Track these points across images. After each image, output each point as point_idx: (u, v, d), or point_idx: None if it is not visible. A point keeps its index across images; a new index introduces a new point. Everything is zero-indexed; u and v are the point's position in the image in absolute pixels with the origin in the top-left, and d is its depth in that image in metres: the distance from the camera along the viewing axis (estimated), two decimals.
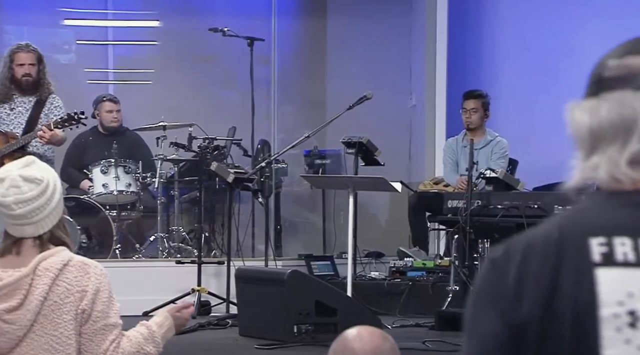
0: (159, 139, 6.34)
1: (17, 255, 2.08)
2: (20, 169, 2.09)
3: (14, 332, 2.03)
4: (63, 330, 2.05)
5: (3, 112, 5.10)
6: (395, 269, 5.63)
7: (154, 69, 7.33)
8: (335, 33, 7.51)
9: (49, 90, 5.13)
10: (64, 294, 2.06)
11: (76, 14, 7.16)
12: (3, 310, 2.03)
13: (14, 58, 5.05)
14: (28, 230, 2.08)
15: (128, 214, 6.32)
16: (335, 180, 4.89)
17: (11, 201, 2.06)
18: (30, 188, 2.07)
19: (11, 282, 2.04)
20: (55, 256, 2.09)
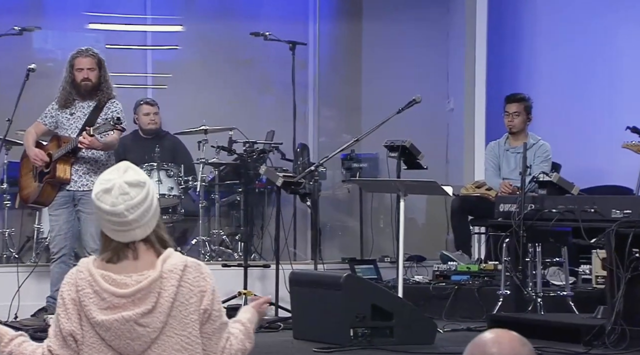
0: (201, 142, 6.39)
1: (134, 259, 2.10)
2: (121, 175, 2.11)
3: (147, 334, 2.06)
4: (191, 330, 2.08)
5: (64, 117, 5.13)
6: (439, 273, 5.64)
7: (192, 73, 7.37)
8: (371, 37, 7.53)
9: (109, 94, 5.14)
10: (188, 295, 2.08)
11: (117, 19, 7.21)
12: (139, 314, 2.05)
13: (74, 63, 5.08)
14: (138, 234, 2.10)
15: (169, 218, 6.35)
16: (386, 183, 4.89)
17: (123, 209, 2.08)
18: (137, 192, 2.10)
19: (145, 286, 2.06)
20: (172, 258, 2.11)
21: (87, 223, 5.09)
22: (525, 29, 7.17)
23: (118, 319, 2.06)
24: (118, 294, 2.07)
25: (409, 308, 4.15)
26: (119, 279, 2.08)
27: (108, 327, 2.06)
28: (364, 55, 7.59)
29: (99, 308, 2.07)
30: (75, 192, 5.12)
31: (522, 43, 7.19)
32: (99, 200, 2.10)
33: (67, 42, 6.87)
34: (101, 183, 2.12)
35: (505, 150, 6.02)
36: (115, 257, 2.11)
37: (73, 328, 2.07)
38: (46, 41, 7.07)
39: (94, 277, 2.08)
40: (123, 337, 2.06)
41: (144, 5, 7.30)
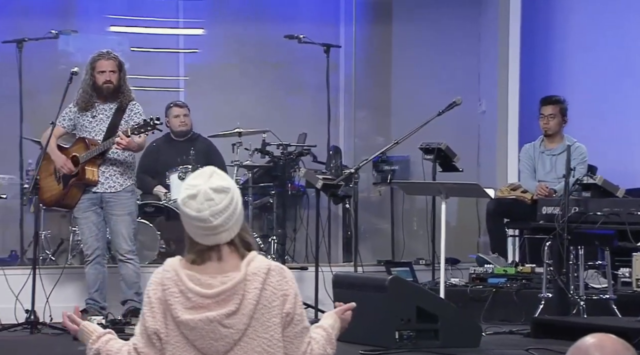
0: (235, 145, 6.41)
1: (218, 261, 2.11)
2: (207, 181, 2.13)
3: (231, 335, 2.08)
4: (273, 333, 2.10)
5: (85, 119, 5.14)
6: (475, 276, 5.62)
7: (224, 76, 7.40)
8: (401, 39, 7.52)
9: (129, 96, 5.17)
10: (271, 298, 2.10)
11: (150, 22, 7.24)
12: (224, 315, 2.07)
13: (95, 65, 5.09)
14: (223, 237, 2.12)
15: None
16: (428, 186, 4.89)
17: (208, 214, 2.10)
18: (221, 198, 2.12)
19: (230, 287, 2.08)
20: (256, 261, 2.13)
21: (117, 225, 5.12)
22: (557, 30, 7.15)
23: (202, 319, 2.07)
24: (203, 294, 2.08)
25: (454, 311, 4.14)
26: (203, 279, 2.09)
27: (192, 327, 2.07)
28: (394, 57, 7.58)
29: (184, 307, 2.08)
30: (102, 194, 5.14)
31: (553, 44, 7.17)
32: (184, 206, 2.12)
33: (92, 45, 6.92)
34: (187, 188, 2.13)
35: (540, 153, 6.01)
36: (199, 258, 2.12)
37: (157, 327, 2.09)
38: (69, 44, 7.08)
39: (180, 276, 2.10)
40: (207, 337, 2.07)
41: (176, 8, 7.33)
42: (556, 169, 5.88)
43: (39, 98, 6.90)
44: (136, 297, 5.12)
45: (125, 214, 5.14)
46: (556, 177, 5.87)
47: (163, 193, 6.36)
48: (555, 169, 5.89)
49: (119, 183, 5.16)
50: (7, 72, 6.91)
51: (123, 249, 5.11)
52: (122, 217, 5.12)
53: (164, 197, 6.32)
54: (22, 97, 6.65)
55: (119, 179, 5.16)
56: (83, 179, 5.09)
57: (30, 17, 7.07)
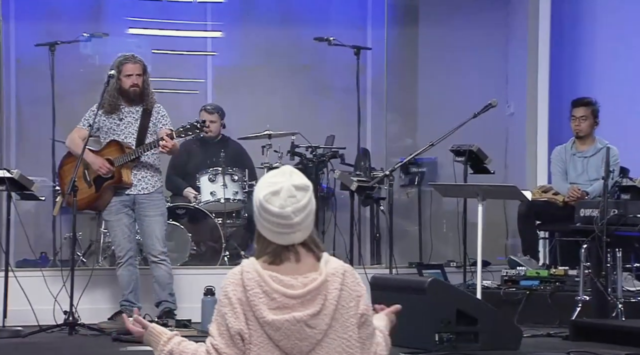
0: (264, 147, 6.43)
1: (296, 262, 2.12)
2: (289, 178, 2.14)
3: (314, 336, 2.09)
4: (351, 334, 2.11)
5: (112, 122, 5.18)
6: (507, 278, 5.62)
7: (250, 78, 7.43)
8: (428, 42, 7.53)
9: (153, 99, 5.21)
10: (348, 298, 2.12)
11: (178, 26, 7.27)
12: (309, 315, 2.08)
13: (121, 69, 5.13)
14: (298, 236, 2.13)
15: (233, 222, 6.40)
16: (464, 188, 4.89)
17: (290, 211, 2.10)
18: (302, 195, 2.13)
19: (314, 288, 2.09)
20: (332, 262, 2.15)
21: (151, 226, 5.15)
22: (585, 32, 7.13)
23: (289, 319, 2.08)
24: (289, 295, 2.09)
25: (494, 313, 4.14)
26: (286, 280, 2.11)
27: (278, 327, 2.08)
28: (420, 60, 7.59)
29: (269, 308, 2.09)
30: (135, 195, 5.17)
31: (581, 46, 7.15)
32: (267, 202, 2.11)
33: (111, 48, 6.95)
34: (268, 186, 2.13)
35: (571, 155, 5.99)
36: (277, 259, 2.13)
37: (241, 327, 2.09)
38: (87, 47, 7.09)
39: (263, 277, 2.10)
40: (292, 337, 2.09)
41: (204, 11, 7.36)
42: (588, 171, 5.87)
43: (68, 100, 6.94)
44: (170, 298, 5.15)
45: (158, 214, 5.17)
46: (588, 180, 5.86)
47: (193, 195, 6.38)
48: (587, 171, 5.88)
49: (151, 184, 5.20)
50: (35, 75, 6.98)
51: (156, 250, 5.13)
52: (155, 218, 5.15)
53: (193, 199, 6.35)
54: (57, 99, 6.72)
55: (151, 181, 5.20)
56: (119, 182, 5.12)
57: (57, 20, 7.12)
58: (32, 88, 7.07)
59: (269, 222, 2.12)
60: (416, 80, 7.64)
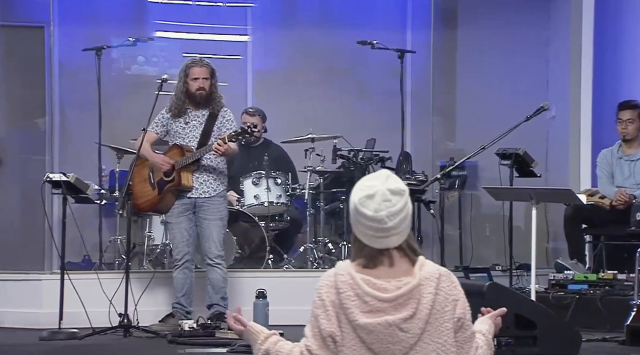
0: (307, 150, 6.44)
1: (390, 266, 2.13)
2: (384, 182, 2.14)
3: (407, 340, 2.10)
4: (447, 338, 2.11)
5: (179, 126, 5.21)
6: (555, 282, 5.59)
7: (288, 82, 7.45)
8: (466, 44, 7.51)
9: (220, 103, 5.23)
10: (443, 303, 2.12)
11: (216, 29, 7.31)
12: (401, 319, 2.09)
13: (188, 72, 5.16)
14: (393, 241, 2.13)
15: (276, 225, 6.41)
16: (518, 192, 4.88)
17: (384, 215, 2.11)
18: (397, 200, 2.13)
19: (407, 291, 2.10)
20: (427, 266, 2.15)
21: (209, 229, 5.17)
22: (629, 33, 7.09)
23: (382, 322, 2.08)
24: (381, 298, 2.09)
25: (553, 317, 4.12)
26: (379, 283, 2.11)
27: (371, 330, 2.09)
28: (458, 62, 7.58)
29: (362, 311, 2.09)
30: (196, 199, 5.19)
31: (623, 48, 7.11)
32: (361, 206, 2.12)
33: (139, 51, 6.98)
34: (363, 189, 2.14)
35: (618, 159, 5.96)
36: (371, 263, 2.13)
37: (333, 329, 2.10)
38: (121, 50, 7.12)
39: (356, 280, 2.11)
40: (385, 340, 2.09)
41: (245, 15, 7.39)
42: (635, 175, 5.83)
43: (110, 104, 6.98)
44: (222, 302, 5.17)
45: (217, 218, 5.19)
46: (635, 183, 5.82)
47: (235, 198, 6.40)
48: (634, 174, 5.84)
49: (212, 188, 5.22)
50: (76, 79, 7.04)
51: (213, 254, 5.16)
52: (214, 222, 5.17)
53: (236, 202, 6.37)
54: (94, 104, 6.77)
55: (213, 185, 5.22)
56: (179, 185, 5.15)
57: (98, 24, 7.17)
58: (74, 92, 7.12)
59: (364, 226, 2.13)
60: (454, 83, 7.63)
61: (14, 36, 7.16)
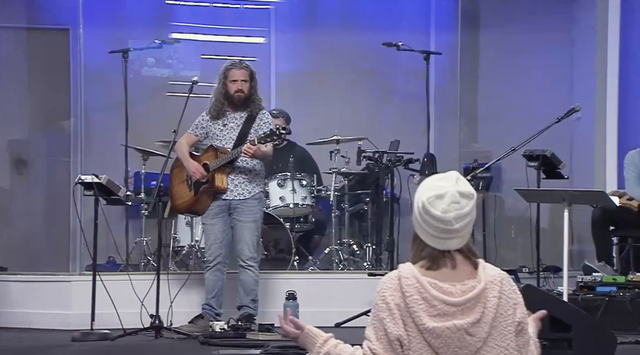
0: (332, 152, 6.45)
1: (452, 268, 2.12)
2: (454, 184, 2.14)
3: (474, 344, 2.09)
4: (509, 342, 2.11)
5: (217, 127, 5.22)
6: (583, 284, 5.57)
7: (311, 84, 7.45)
8: (489, 46, 7.50)
9: (259, 106, 5.23)
10: (506, 306, 2.11)
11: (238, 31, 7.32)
12: (469, 323, 2.08)
13: (227, 75, 5.16)
14: (455, 243, 2.13)
15: (300, 226, 6.42)
16: (550, 194, 4.86)
17: (452, 217, 2.10)
18: (466, 203, 2.13)
19: (474, 295, 2.09)
20: (489, 269, 2.14)
21: (243, 231, 5.17)
22: None
23: (450, 327, 2.08)
24: (449, 302, 2.09)
25: (588, 320, 4.11)
26: (445, 287, 2.10)
27: (439, 335, 2.08)
28: (481, 64, 7.56)
29: (429, 315, 2.08)
30: (231, 201, 5.20)
31: None
32: (430, 205, 2.12)
33: (156, 53, 7.00)
34: (433, 188, 2.13)
35: None
36: (435, 264, 2.12)
37: (400, 333, 2.09)
38: (140, 53, 7.14)
39: (422, 284, 2.10)
40: (452, 345, 2.08)
41: (268, 16, 7.40)
42: None
43: (133, 106, 7.00)
44: (252, 304, 5.17)
45: (251, 221, 5.19)
46: None
47: None
48: None
49: (247, 190, 5.22)
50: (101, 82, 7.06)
51: (245, 256, 5.16)
52: (247, 224, 5.18)
53: None
54: (118, 106, 6.79)
55: (247, 187, 5.22)
56: (213, 187, 5.16)
57: (122, 27, 7.20)
58: (98, 94, 7.15)
59: (429, 225, 2.12)
60: (477, 84, 7.62)
61: (39, 39, 7.20)
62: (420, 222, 2.14)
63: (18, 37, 7.18)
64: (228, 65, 5.19)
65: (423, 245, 2.14)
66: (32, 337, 5.04)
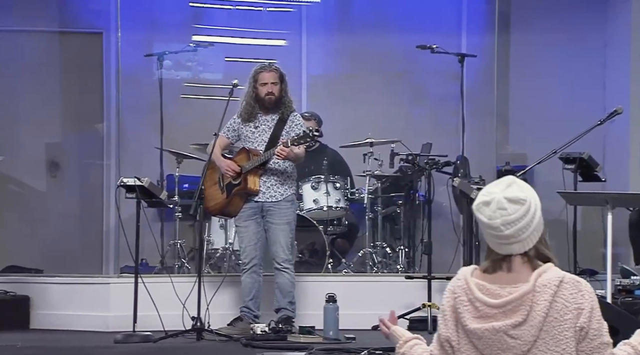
0: (366, 155, 6.45)
1: (508, 271, 2.13)
2: (503, 190, 2.15)
3: (519, 347, 2.09)
4: (565, 347, 2.09)
5: (248, 130, 5.24)
6: (621, 287, 5.53)
7: (344, 86, 7.45)
8: (520, 47, 7.47)
9: (290, 108, 5.25)
10: (562, 311, 2.09)
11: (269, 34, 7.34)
12: (509, 325, 2.08)
13: (257, 77, 5.18)
14: (515, 248, 2.13)
15: (334, 229, 6.42)
16: (593, 196, 4.85)
17: (499, 223, 2.11)
18: (515, 209, 2.12)
19: (516, 298, 2.09)
20: (548, 273, 2.13)
21: (276, 233, 5.18)
22: None
23: (489, 328, 2.09)
24: (489, 304, 2.10)
25: (636, 324, 4.08)
26: (492, 289, 2.12)
27: (480, 336, 2.10)
28: (511, 66, 7.54)
29: (472, 316, 2.11)
30: (263, 203, 5.21)
31: None
32: (477, 212, 2.15)
33: (178, 56, 7.02)
34: (483, 195, 2.16)
35: None
36: (491, 268, 2.15)
37: (449, 334, 2.13)
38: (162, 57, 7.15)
39: (469, 285, 2.13)
40: (494, 347, 2.09)
41: (300, 19, 7.41)
42: None
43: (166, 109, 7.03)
44: (290, 306, 5.18)
45: (284, 223, 5.20)
46: None
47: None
48: None
49: (279, 192, 5.23)
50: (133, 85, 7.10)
51: (280, 258, 5.17)
52: (280, 226, 5.18)
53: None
54: (150, 108, 6.82)
55: (280, 189, 5.23)
56: (245, 189, 5.17)
57: (154, 30, 7.23)
58: (131, 97, 7.18)
59: (484, 231, 2.16)
60: (508, 86, 7.60)
61: (72, 42, 7.24)
62: (480, 228, 2.18)
63: (51, 41, 7.23)
64: (257, 68, 5.20)
65: (490, 249, 2.17)
66: (74, 339, 5.07)
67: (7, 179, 6.90)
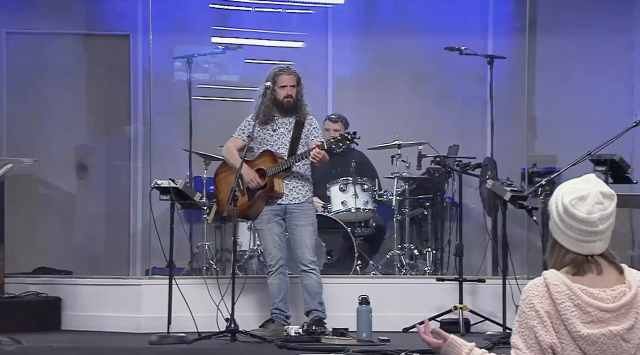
0: (394, 157, 6.45)
1: (598, 274, 2.11)
2: (595, 185, 2.13)
3: (629, 350, 2.09)
4: None
5: (266, 133, 5.25)
6: None
7: (370, 88, 7.46)
8: (546, 49, 7.45)
9: (306, 111, 5.26)
10: None
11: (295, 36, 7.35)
12: (625, 329, 2.08)
13: (276, 80, 5.19)
14: (598, 247, 2.11)
15: (362, 231, 6.42)
16: (629, 199, 4.83)
17: (597, 217, 2.09)
18: (609, 204, 2.11)
19: (627, 301, 2.09)
20: (635, 273, 2.13)
21: (301, 235, 5.19)
22: None
23: (605, 333, 2.07)
24: (604, 309, 2.08)
25: None
26: (596, 293, 2.09)
27: (594, 341, 2.08)
28: (538, 68, 7.52)
29: (583, 322, 2.07)
30: (287, 205, 5.22)
31: None
32: (573, 207, 2.10)
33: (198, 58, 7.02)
34: (574, 191, 2.12)
35: None
36: (580, 270, 2.11)
37: (553, 341, 2.08)
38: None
39: (574, 290, 2.09)
40: (607, 351, 2.08)
41: (325, 21, 7.42)
42: None
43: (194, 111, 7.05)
44: (319, 307, 5.18)
45: (309, 224, 5.22)
46: None
47: (320, 205, 6.41)
48: None
49: (302, 194, 5.25)
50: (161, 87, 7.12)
51: (306, 259, 5.17)
52: (305, 227, 5.20)
53: (321, 208, 6.38)
54: (178, 110, 6.84)
55: (302, 191, 5.25)
56: (271, 191, 5.18)
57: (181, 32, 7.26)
58: (158, 99, 7.20)
59: (572, 229, 2.10)
60: (534, 88, 7.58)
61: (98, 45, 7.28)
62: (561, 227, 2.12)
63: (77, 43, 7.27)
64: (276, 70, 5.20)
65: (565, 251, 2.12)
66: (107, 340, 5.09)
67: (38, 181, 6.94)
